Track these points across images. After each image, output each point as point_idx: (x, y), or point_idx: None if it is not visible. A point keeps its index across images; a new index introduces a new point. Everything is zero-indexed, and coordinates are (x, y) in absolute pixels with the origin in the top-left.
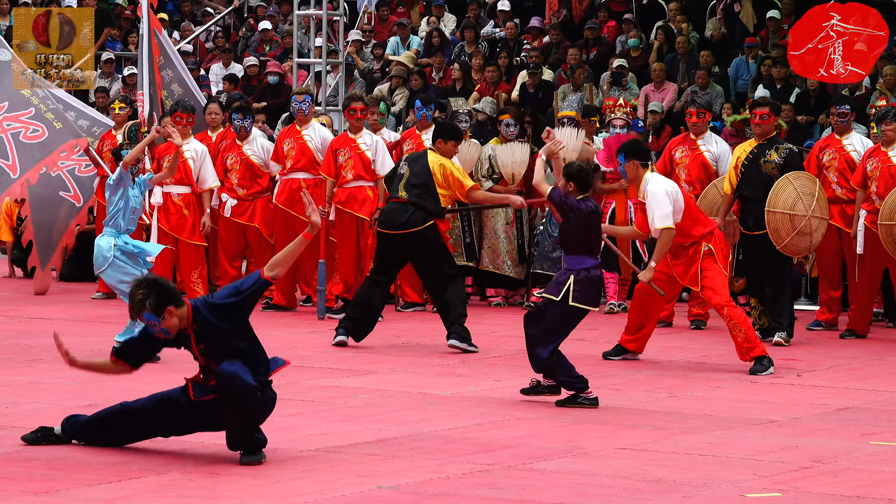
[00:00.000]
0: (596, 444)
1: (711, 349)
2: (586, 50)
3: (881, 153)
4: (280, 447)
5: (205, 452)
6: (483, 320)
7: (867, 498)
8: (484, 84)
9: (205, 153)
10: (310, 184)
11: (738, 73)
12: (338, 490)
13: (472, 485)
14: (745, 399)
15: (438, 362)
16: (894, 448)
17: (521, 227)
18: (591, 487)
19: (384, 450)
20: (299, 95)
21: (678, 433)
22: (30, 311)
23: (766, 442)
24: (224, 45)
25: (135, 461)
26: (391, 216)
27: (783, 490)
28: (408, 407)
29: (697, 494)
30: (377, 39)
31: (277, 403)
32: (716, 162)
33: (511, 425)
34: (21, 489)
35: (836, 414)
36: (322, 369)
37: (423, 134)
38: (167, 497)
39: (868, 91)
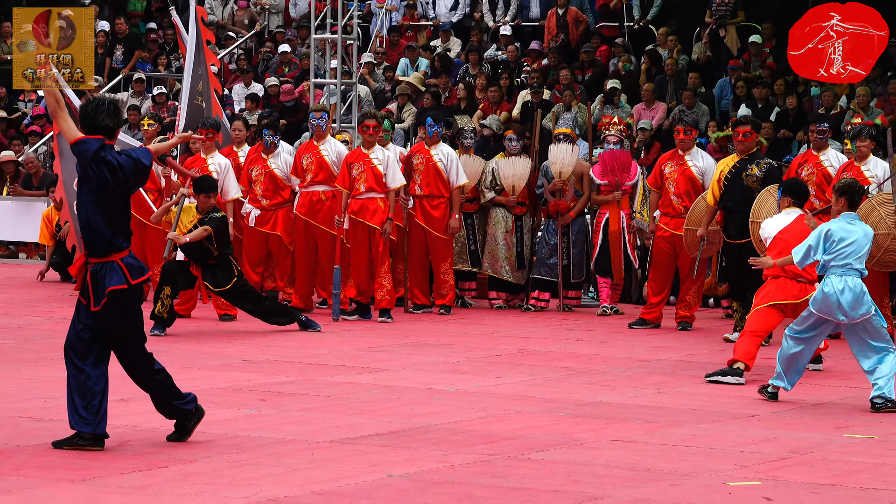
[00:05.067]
0: (589, 436)
1: (696, 349)
2: (581, 71)
3: (855, 168)
4: (297, 438)
5: (228, 444)
6: (485, 321)
7: (840, 486)
8: (487, 103)
9: (227, 167)
10: (327, 195)
11: (722, 93)
12: (351, 478)
13: (475, 473)
14: (728, 395)
15: (444, 360)
16: (865, 440)
17: (521, 236)
18: (585, 476)
19: (394, 441)
20: (316, 113)
21: (666, 426)
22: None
23: (747, 434)
24: (246, 66)
25: (163, 451)
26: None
27: (763, 479)
28: (416, 402)
29: (683, 483)
30: (388, 62)
31: (296, 398)
32: (702, 176)
33: (511, 419)
34: (58, 477)
35: (812, 409)
36: (336, 367)
37: (432, 149)
38: (192, 484)
39: (843, 110)
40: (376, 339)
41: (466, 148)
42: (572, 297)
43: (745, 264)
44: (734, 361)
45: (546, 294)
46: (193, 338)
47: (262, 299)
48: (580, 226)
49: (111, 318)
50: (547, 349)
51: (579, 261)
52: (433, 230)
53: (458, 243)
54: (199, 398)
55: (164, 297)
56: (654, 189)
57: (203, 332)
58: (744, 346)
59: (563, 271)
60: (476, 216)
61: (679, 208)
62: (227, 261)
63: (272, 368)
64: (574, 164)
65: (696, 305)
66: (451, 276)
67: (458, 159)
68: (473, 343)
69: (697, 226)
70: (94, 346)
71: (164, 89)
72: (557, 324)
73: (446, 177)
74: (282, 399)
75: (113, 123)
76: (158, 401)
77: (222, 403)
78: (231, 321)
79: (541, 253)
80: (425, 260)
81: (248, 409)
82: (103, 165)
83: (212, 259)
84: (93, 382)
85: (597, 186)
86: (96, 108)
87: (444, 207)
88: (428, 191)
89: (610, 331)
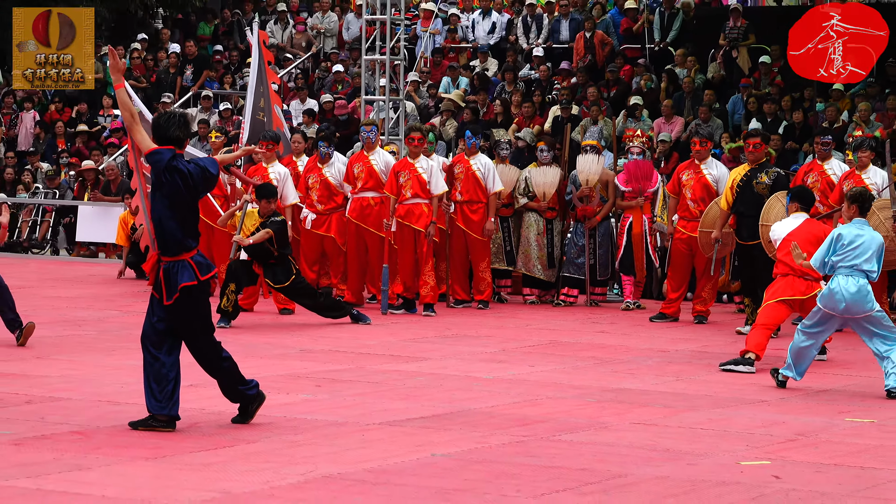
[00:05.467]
0: (614, 420)
1: (712, 340)
2: (606, 89)
3: (856, 176)
4: (349, 421)
5: (286, 426)
6: (519, 315)
7: (843, 466)
8: (521, 117)
9: (286, 175)
10: (376, 201)
11: (734, 108)
12: (398, 457)
13: (510, 453)
14: (740, 382)
15: (482, 350)
16: (865, 424)
17: (552, 238)
18: (610, 455)
19: (437, 423)
20: (367, 126)
21: (683, 411)
22: (141, 306)
23: (757, 418)
24: (303, 84)
25: (228, 432)
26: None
27: (772, 459)
28: (456, 388)
29: (700, 462)
30: (432, 80)
31: (348, 384)
32: (716, 183)
33: (543, 403)
34: (134, 455)
35: (817, 395)
36: (384, 356)
37: (471, 159)
38: (254, 462)
39: (845, 124)
40: (421, 331)
41: (502, 158)
42: (598, 293)
43: (756, 264)
44: (746, 352)
45: (575, 290)
46: (256, 330)
47: (318, 295)
48: (605, 229)
49: (182, 311)
50: (575, 340)
51: (605, 260)
52: (472, 232)
53: (495, 244)
54: (261, 384)
55: (230, 292)
56: (673, 195)
57: (264, 324)
58: (755, 337)
59: (590, 270)
60: (511, 220)
61: (695, 212)
62: (286, 260)
63: (326, 357)
64: (600, 172)
65: (710, 301)
66: (488, 274)
67: (494, 168)
68: (509, 335)
69: (712, 228)
70: (167, 337)
71: (230, 105)
72: (585, 317)
73: (484, 184)
74: (335, 385)
75: (182, 134)
76: (225, 386)
77: (281, 389)
78: (289, 315)
79: (570, 253)
80: (465, 259)
81: (305, 394)
82: (175, 174)
83: (272, 259)
84: (167, 370)
85: (621, 193)
86: (167, 121)
87: (482, 212)
88: (467, 197)
89: (633, 324)
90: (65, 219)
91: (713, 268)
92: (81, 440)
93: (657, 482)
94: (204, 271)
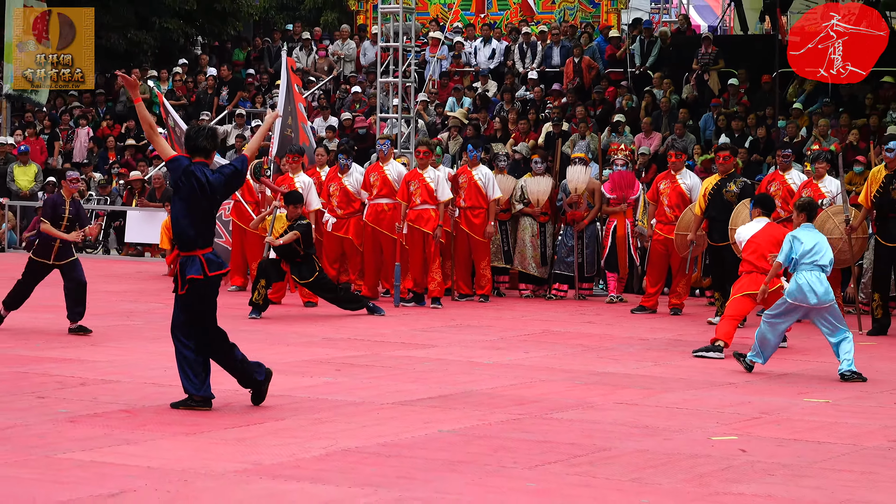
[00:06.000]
0: (599, 400)
1: (686, 329)
2: (593, 107)
3: (813, 185)
4: (366, 401)
5: (310, 405)
6: (516, 308)
7: (801, 440)
8: (517, 133)
9: (310, 184)
10: (390, 207)
11: (706, 125)
12: (409, 433)
13: (507, 429)
14: (711, 367)
15: (483, 339)
16: (821, 404)
17: (545, 239)
18: (596, 431)
19: (443, 403)
20: (381, 140)
21: (661, 392)
22: None
23: (726, 399)
24: (325, 103)
25: (258, 411)
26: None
27: (739, 434)
28: (460, 372)
29: (675, 437)
30: (439, 100)
31: (364, 368)
32: (690, 191)
33: (536, 385)
34: (174, 431)
35: (778, 378)
36: (397, 344)
37: (473, 170)
38: (282, 437)
39: (804, 139)
40: (429, 321)
41: (501, 169)
42: (586, 288)
43: (725, 262)
44: (716, 340)
45: (565, 286)
46: (283, 320)
47: (338, 290)
48: (592, 231)
49: (191, 301)
50: (565, 330)
51: (591, 259)
52: (474, 234)
53: (494, 245)
54: (287, 369)
55: (260, 287)
56: (652, 202)
57: (291, 315)
58: (723, 327)
59: (579, 268)
60: (508, 223)
61: (671, 217)
62: (310, 259)
63: (346, 345)
64: (587, 181)
65: (685, 295)
66: (488, 271)
67: (494, 178)
68: (506, 325)
69: (686, 231)
70: (192, 327)
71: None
72: (574, 310)
73: (485, 192)
74: (353, 369)
75: (210, 145)
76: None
77: (305, 373)
78: (313, 307)
79: (560, 253)
80: (468, 258)
81: (327, 377)
82: (192, 178)
83: (298, 257)
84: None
85: (607, 199)
86: (197, 133)
87: (483, 216)
88: (470, 203)
89: (616, 315)
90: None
91: (687, 266)
92: (129, 418)
93: (637, 455)
94: (213, 268)
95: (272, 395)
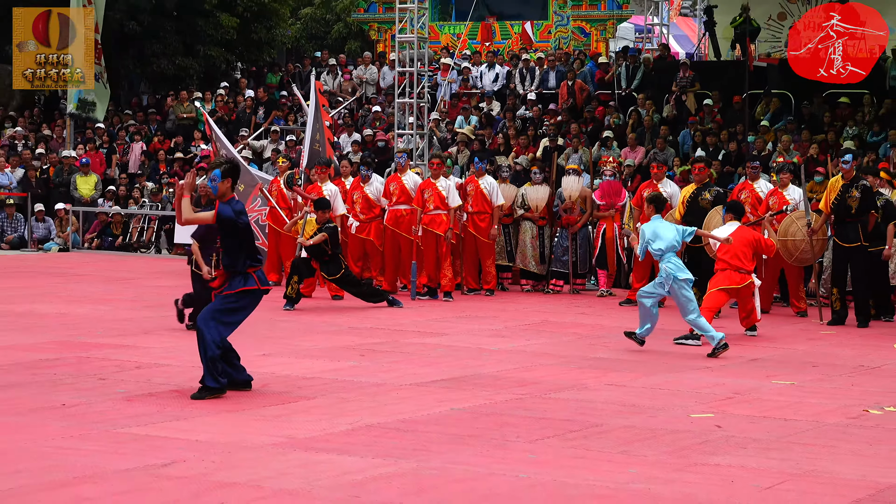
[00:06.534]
0: (592, 382)
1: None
2: (585, 125)
3: (778, 193)
4: (387, 382)
5: (338, 386)
6: (518, 301)
7: (770, 418)
8: (518, 147)
9: (336, 192)
10: (407, 212)
11: (684, 140)
12: (424, 410)
13: (511, 407)
14: (690, 353)
15: (489, 328)
16: (787, 385)
17: (543, 240)
18: (589, 409)
19: (454, 385)
20: (399, 153)
21: (646, 374)
22: None
23: (703, 381)
24: (349, 121)
25: (292, 391)
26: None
27: (715, 412)
28: (469, 357)
29: (658, 414)
30: (449, 118)
31: (385, 353)
32: (670, 198)
33: (536, 369)
34: (219, 409)
35: (749, 363)
36: (413, 332)
37: (480, 180)
38: (313, 414)
39: (770, 152)
40: (441, 312)
41: (503, 179)
42: (579, 283)
43: (702, 261)
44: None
45: (560, 281)
46: (314, 312)
47: (361, 285)
48: (584, 233)
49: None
50: (562, 320)
51: (584, 258)
52: (480, 236)
53: (499, 245)
54: (317, 354)
55: (293, 283)
56: (637, 208)
57: (320, 307)
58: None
59: (573, 265)
60: (511, 226)
61: None
62: (337, 258)
63: (369, 333)
64: (580, 190)
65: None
66: (493, 268)
67: (497, 187)
68: (509, 316)
69: None
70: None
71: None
72: (569, 302)
73: (490, 199)
74: (376, 355)
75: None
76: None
77: (334, 357)
78: (339, 300)
79: (557, 252)
80: (475, 257)
81: (352, 361)
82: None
83: (326, 256)
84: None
85: (597, 206)
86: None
87: (488, 220)
88: (477, 209)
89: (606, 308)
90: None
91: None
92: (179, 397)
93: (625, 430)
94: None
95: (304, 377)
